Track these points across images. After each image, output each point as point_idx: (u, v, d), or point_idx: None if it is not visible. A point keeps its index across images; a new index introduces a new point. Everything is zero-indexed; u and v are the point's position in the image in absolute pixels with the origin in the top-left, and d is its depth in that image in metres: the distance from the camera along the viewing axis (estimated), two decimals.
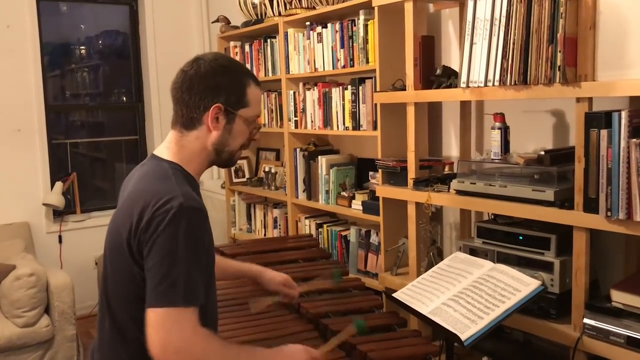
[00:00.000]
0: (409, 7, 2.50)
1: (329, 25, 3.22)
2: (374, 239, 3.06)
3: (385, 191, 2.73)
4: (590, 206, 1.86)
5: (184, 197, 1.32)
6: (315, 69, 3.35)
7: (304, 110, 3.49)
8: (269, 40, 3.77)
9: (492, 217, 2.37)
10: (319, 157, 3.41)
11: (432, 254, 2.58)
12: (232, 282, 2.49)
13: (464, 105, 2.64)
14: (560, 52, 1.89)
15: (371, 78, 2.98)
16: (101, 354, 1.47)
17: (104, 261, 1.47)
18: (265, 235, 4.02)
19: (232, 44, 4.18)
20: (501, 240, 2.23)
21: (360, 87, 3.05)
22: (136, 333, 1.37)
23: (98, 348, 1.49)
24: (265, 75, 3.84)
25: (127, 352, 1.41)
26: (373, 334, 1.99)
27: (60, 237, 4.42)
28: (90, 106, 4.92)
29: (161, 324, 1.28)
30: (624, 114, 1.74)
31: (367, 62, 2.98)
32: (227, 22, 4.21)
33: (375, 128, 2.93)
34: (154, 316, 1.28)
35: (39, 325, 3.37)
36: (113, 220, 1.45)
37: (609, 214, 1.80)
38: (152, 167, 1.46)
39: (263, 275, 1.97)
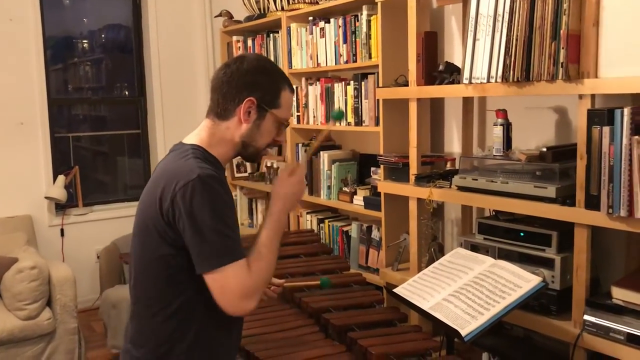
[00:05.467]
0: (412, 3, 2.49)
1: (331, 20, 3.22)
2: (375, 234, 3.06)
3: (387, 187, 2.73)
4: (592, 203, 1.87)
5: (199, 169, 1.40)
6: (318, 64, 3.34)
7: (306, 105, 3.48)
8: (271, 35, 3.76)
9: (494, 213, 2.37)
10: (321, 152, 3.41)
11: (433, 250, 2.58)
12: None
13: (467, 101, 2.64)
14: (563, 48, 1.89)
15: (374, 74, 2.98)
16: (133, 326, 1.54)
17: (133, 242, 1.54)
18: None
19: (234, 38, 4.18)
20: (502, 236, 2.23)
21: (363, 83, 3.05)
22: (161, 310, 1.46)
23: (130, 321, 1.56)
24: None
25: (152, 327, 1.48)
26: (374, 329, 1.99)
27: (62, 230, 4.42)
28: (92, 100, 4.92)
29: (223, 287, 1.38)
30: (626, 111, 1.74)
31: (370, 57, 2.97)
32: (230, 16, 4.21)
33: (377, 124, 2.93)
34: (211, 281, 1.39)
35: (40, 318, 3.38)
36: (140, 203, 1.53)
37: (610, 211, 1.80)
38: (175, 152, 1.54)
39: None
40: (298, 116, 3.56)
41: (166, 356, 1.46)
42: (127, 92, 5.01)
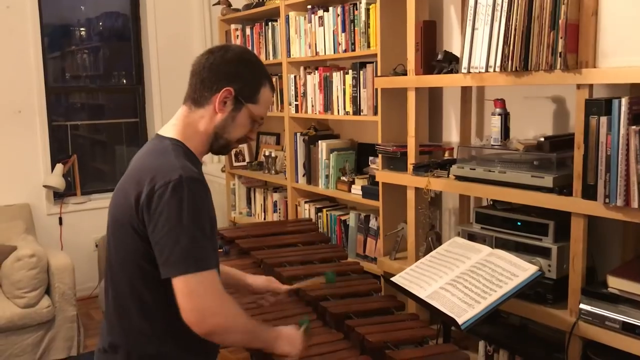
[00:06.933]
0: None
1: (330, 8, 3.21)
2: (373, 223, 3.07)
3: (384, 176, 2.74)
4: (589, 193, 1.87)
5: (182, 170, 1.35)
6: (317, 53, 3.34)
7: (304, 94, 3.48)
8: (270, 23, 3.75)
9: (491, 202, 2.38)
10: (319, 141, 3.41)
11: (430, 239, 2.59)
12: (232, 263, 2.51)
13: (465, 90, 2.64)
14: (561, 38, 1.89)
15: (372, 63, 2.97)
16: (108, 326, 1.51)
17: (107, 237, 1.50)
18: (265, 219, 4.04)
19: (233, 26, 4.16)
20: (499, 225, 2.24)
21: (361, 72, 3.05)
22: (135, 308, 1.42)
23: (105, 320, 1.53)
24: (266, 59, 3.83)
25: (128, 326, 1.45)
26: (371, 317, 2.01)
27: (60, 219, 4.43)
28: (90, 88, 4.91)
29: (192, 291, 1.32)
30: (624, 101, 1.74)
31: (369, 46, 2.97)
32: (228, 4, 4.19)
33: (375, 113, 2.92)
34: (181, 285, 1.32)
35: (39, 306, 3.40)
36: (114, 197, 1.49)
37: (607, 200, 1.81)
38: (154, 145, 1.50)
39: (246, 278, 1.88)
40: (296, 105, 3.55)
41: (142, 352, 1.43)
42: (124, 81, 4.99)
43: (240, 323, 1.39)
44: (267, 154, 4.01)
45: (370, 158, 3.18)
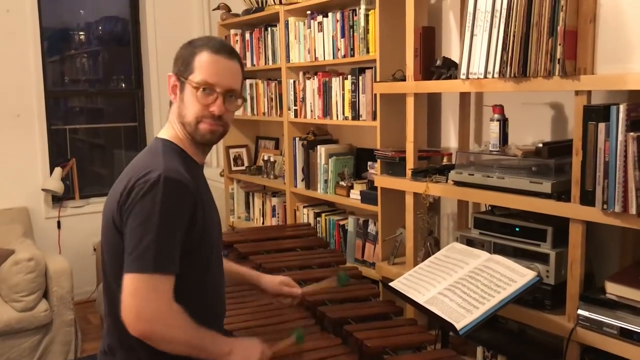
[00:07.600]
0: None
1: (329, 14, 3.22)
2: (371, 228, 3.07)
3: (383, 181, 2.74)
4: (587, 199, 1.88)
5: (164, 169, 1.36)
6: (316, 58, 3.34)
7: (303, 99, 3.49)
8: (269, 28, 3.76)
9: (489, 208, 2.39)
10: (318, 146, 3.41)
11: (429, 244, 2.60)
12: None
13: (464, 96, 2.65)
14: (560, 45, 1.90)
15: (371, 68, 2.98)
16: (106, 328, 1.52)
17: (101, 239, 1.51)
18: (263, 223, 4.04)
19: (232, 32, 4.17)
20: (498, 231, 2.24)
21: (360, 77, 3.06)
22: None
23: (105, 322, 1.54)
24: (265, 64, 3.83)
25: (123, 328, 1.42)
26: (369, 322, 2.01)
27: (59, 222, 4.43)
28: (89, 92, 4.91)
29: (136, 290, 1.30)
30: (622, 108, 1.75)
31: (368, 52, 2.98)
32: (228, 9, 4.20)
33: (374, 118, 2.93)
34: (129, 282, 1.31)
35: (37, 310, 3.39)
36: (107, 199, 1.51)
37: (605, 206, 1.82)
38: (149, 146, 1.53)
39: (260, 280, 1.88)
40: (295, 110, 3.56)
41: (137, 354, 1.42)
42: (124, 85, 5.00)
43: (180, 336, 1.34)
44: (265, 158, 4.01)
45: (369, 163, 3.18)
